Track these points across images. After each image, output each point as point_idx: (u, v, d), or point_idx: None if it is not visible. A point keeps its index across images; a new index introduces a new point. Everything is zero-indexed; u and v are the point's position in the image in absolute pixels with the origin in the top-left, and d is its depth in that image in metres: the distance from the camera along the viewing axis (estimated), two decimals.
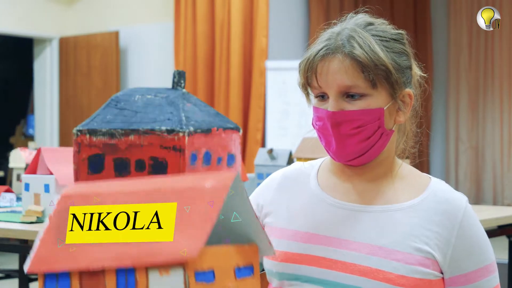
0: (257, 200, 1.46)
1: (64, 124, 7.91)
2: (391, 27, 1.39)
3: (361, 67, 1.29)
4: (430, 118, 8.47)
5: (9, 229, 2.51)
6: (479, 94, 8.22)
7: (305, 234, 1.35)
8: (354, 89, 1.30)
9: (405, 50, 1.36)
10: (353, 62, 1.29)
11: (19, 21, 7.68)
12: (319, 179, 1.42)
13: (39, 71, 8.08)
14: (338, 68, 1.30)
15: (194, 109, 2.31)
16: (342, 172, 1.39)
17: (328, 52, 1.31)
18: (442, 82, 8.49)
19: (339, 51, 1.30)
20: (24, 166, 3.61)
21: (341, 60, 1.30)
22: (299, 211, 1.39)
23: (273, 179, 1.47)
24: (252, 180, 3.05)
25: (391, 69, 1.31)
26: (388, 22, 1.41)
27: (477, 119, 8.26)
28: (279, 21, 6.77)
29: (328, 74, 1.30)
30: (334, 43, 1.31)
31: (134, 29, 7.61)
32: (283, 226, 1.39)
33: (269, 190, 1.45)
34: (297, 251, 1.34)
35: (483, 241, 1.34)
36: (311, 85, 1.34)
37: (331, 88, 1.31)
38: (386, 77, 1.30)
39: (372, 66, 1.29)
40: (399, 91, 1.33)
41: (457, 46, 8.28)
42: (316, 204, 1.38)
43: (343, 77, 1.29)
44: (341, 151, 1.33)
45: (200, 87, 6.76)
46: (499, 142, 8.15)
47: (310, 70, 1.33)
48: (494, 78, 8.12)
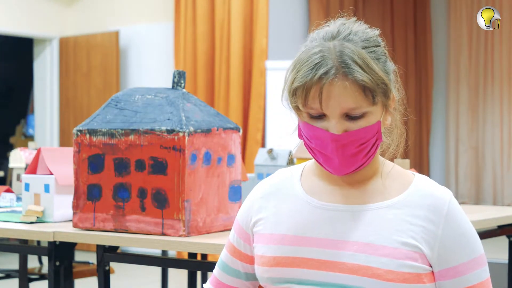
0: (243, 213, 1.48)
1: (64, 124, 7.91)
2: (366, 27, 1.39)
3: (364, 90, 1.29)
4: (430, 118, 8.47)
5: (9, 229, 2.51)
6: (479, 94, 8.22)
7: (292, 237, 1.37)
8: (358, 110, 1.30)
9: (386, 53, 1.38)
10: (357, 87, 1.29)
11: (19, 21, 7.67)
12: (303, 184, 1.43)
13: (39, 71, 8.08)
14: (343, 93, 1.29)
15: (194, 109, 2.31)
16: (327, 176, 1.40)
17: (329, 77, 1.29)
18: (442, 82, 8.49)
19: (341, 75, 1.29)
20: (24, 166, 3.61)
21: (345, 86, 1.28)
22: (285, 216, 1.40)
23: (258, 189, 1.49)
24: (252, 180, 3.05)
25: (387, 83, 1.33)
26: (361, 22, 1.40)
27: (477, 119, 8.25)
28: (279, 21, 6.77)
29: (330, 99, 1.29)
30: (333, 65, 1.29)
31: (134, 29, 7.61)
32: (271, 231, 1.40)
33: (255, 200, 1.47)
34: (285, 255, 1.36)
35: (470, 234, 1.35)
36: (307, 106, 1.31)
37: (334, 110, 1.30)
38: (384, 92, 1.33)
39: (375, 88, 1.30)
40: (390, 99, 1.35)
41: (457, 46, 8.28)
42: (301, 207, 1.39)
43: (347, 101, 1.29)
44: (345, 168, 1.34)
45: (200, 87, 6.76)
46: (499, 142, 8.15)
47: (310, 95, 1.30)
48: (494, 78, 8.11)
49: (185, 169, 2.19)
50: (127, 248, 6.61)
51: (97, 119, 2.34)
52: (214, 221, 2.31)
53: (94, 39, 7.67)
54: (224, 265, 1.52)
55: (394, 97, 1.38)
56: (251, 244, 1.46)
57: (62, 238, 2.37)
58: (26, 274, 3.74)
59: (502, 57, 8.04)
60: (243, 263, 1.49)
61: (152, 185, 2.23)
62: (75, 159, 2.35)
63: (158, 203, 2.22)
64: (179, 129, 2.19)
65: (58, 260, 2.44)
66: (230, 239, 1.52)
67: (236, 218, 1.51)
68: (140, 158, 2.24)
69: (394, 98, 1.38)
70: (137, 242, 2.25)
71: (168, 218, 2.21)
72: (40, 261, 4.59)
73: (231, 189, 2.38)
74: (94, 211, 2.32)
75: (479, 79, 8.19)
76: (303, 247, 1.35)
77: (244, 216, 1.48)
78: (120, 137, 2.27)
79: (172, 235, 2.20)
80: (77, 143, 2.34)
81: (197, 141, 2.23)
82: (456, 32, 8.27)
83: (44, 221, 2.57)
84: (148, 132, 2.23)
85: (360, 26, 1.38)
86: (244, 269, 1.49)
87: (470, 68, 8.22)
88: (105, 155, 2.30)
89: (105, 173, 2.30)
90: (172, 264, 3.05)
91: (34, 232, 2.42)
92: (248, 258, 1.47)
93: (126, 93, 2.38)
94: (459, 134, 8.37)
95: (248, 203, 1.49)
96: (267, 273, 1.38)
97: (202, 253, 3.04)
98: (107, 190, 2.29)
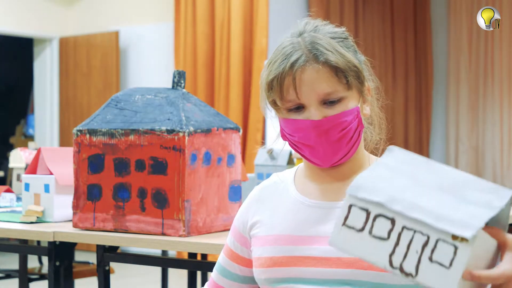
0: (240, 217, 1.50)
1: (64, 124, 7.91)
2: (332, 25, 1.42)
3: (337, 72, 1.32)
4: (430, 118, 8.47)
5: (9, 229, 2.51)
6: (479, 94, 8.22)
7: (288, 237, 1.38)
8: (334, 94, 1.33)
9: (354, 46, 1.40)
10: (329, 69, 1.32)
11: (19, 21, 7.68)
12: (296, 185, 1.45)
13: (39, 71, 8.08)
14: (316, 77, 1.32)
15: (194, 109, 2.31)
16: (318, 176, 1.42)
17: (300, 63, 1.32)
18: (442, 82, 8.49)
19: (311, 60, 1.32)
20: (24, 166, 3.61)
21: (317, 69, 1.32)
22: (280, 217, 1.42)
23: (253, 194, 1.50)
24: (252, 180, 3.05)
25: (359, 68, 1.36)
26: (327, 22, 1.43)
27: (477, 119, 8.25)
28: (279, 21, 6.77)
29: (305, 85, 1.32)
30: (302, 52, 1.33)
31: (134, 29, 7.61)
32: (267, 233, 1.42)
33: (251, 205, 1.48)
34: (281, 255, 1.37)
35: None
36: (284, 99, 1.34)
37: (310, 98, 1.33)
38: (357, 77, 1.35)
39: (347, 69, 1.33)
40: (364, 86, 1.38)
41: (457, 46, 8.28)
42: (295, 207, 1.41)
43: (322, 86, 1.32)
44: (330, 156, 1.35)
45: (200, 87, 6.76)
46: (499, 142, 8.15)
47: (284, 85, 1.33)
48: (494, 78, 8.11)
49: (185, 169, 2.19)
50: (127, 248, 6.61)
51: (97, 119, 2.34)
52: (214, 221, 2.31)
53: (94, 39, 7.67)
54: (222, 268, 1.53)
55: (369, 86, 1.41)
56: (249, 248, 1.47)
57: (62, 238, 2.37)
58: (26, 274, 3.74)
59: (502, 57, 8.04)
60: (240, 266, 1.50)
61: (152, 185, 2.23)
62: (75, 159, 2.35)
63: (158, 203, 2.22)
64: (179, 129, 2.19)
65: (58, 260, 2.44)
66: (228, 242, 1.53)
67: (233, 222, 1.53)
68: (140, 158, 2.24)
69: (369, 87, 1.41)
70: (137, 242, 2.25)
71: (168, 218, 2.21)
72: (40, 261, 4.59)
73: (231, 189, 2.38)
74: (94, 211, 2.32)
75: (479, 79, 8.19)
76: (298, 246, 1.36)
77: (241, 220, 1.49)
78: (120, 137, 2.27)
79: (172, 235, 2.21)
80: (77, 143, 2.34)
81: (197, 141, 2.23)
82: (456, 32, 8.27)
83: (44, 221, 2.58)
84: (148, 132, 2.23)
85: (325, 24, 1.41)
86: (241, 272, 1.50)
87: (470, 68, 8.22)
88: (105, 155, 2.30)
89: (105, 173, 2.30)
90: (172, 264, 3.05)
91: (34, 232, 2.42)
92: (246, 261, 1.48)
93: (126, 93, 2.38)
94: (459, 134, 8.37)
95: (245, 207, 1.50)
96: (264, 274, 1.38)
97: (202, 253, 3.04)
98: (107, 190, 2.29)
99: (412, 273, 1.05)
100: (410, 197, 1.09)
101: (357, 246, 1.11)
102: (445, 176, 1.13)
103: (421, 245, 1.05)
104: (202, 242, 2.15)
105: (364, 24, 7.75)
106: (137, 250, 6.28)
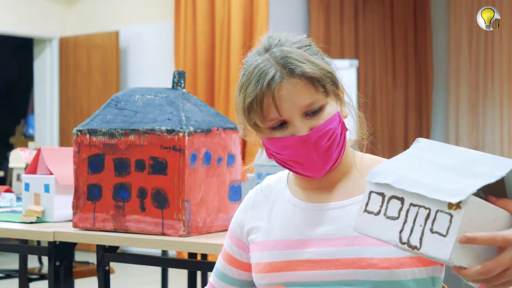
0: (236, 223, 1.49)
1: (64, 124, 7.91)
2: (294, 34, 1.40)
3: (313, 82, 1.31)
4: (430, 118, 8.47)
5: (9, 229, 2.51)
6: (479, 94, 8.22)
7: (285, 242, 1.38)
8: (315, 104, 1.32)
9: (319, 50, 1.39)
10: (306, 81, 1.31)
11: (19, 21, 7.67)
12: (290, 188, 1.45)
13: (39, 71, 8.08)
14: (294, 91, 1.30)
15: (194, 109, 2.31)
16: (307, 182, 1.41)
17: (277, 80, 1.30)
18: (442, 82, 8.48)
19: (286, 75, 1.31)
20: (24, 166, 3.61)
21: (293, 83, 1.30)
22: (277, 221, 1.41)
23: (249, 198, 1.50)
24: (252, 180, 3.05)
25: (333, 72, 1.35)
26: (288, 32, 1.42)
27: (477, 119, 8.25)
28: (279, 21, 6.77)
29: (285, 101, 1.30)
30: (276, 69, 1.31)
31: (134, 29, 7.61)
32: (264, 238, 1.41)
33: (247, 210, 1.48)
34: (280, 259, 1.37)
35: None
36: (266, 119, 1.32)
37: (292, 113, 1.31)
38: (332, 82, 1.34)
39: (323, 77, 1.32)
40: (339, 89, 1.37)
41: (457, 46, 8.28)
42: (291, 211, 1.41)
43: (302, 98, 1.31)
44: (322, 167, 1.34)
45: (200, 87, 6.76)
46: (499, 142, 8.15)
47: (264, 105, 1.31)
48: (494, 78, 8.11)
49: (185, 169, 2.19)
50: (127, 248, 6.61)
51: (97, 119, 2.34)
52: (214, 221, 2.31)
53: (94, 39, 7.67)
54: (220, 273, 1.53)
55: (342, 87, 1.39)
56: (247, 252, 1.46)
57: (62, 238, 2.37)
58: (26, 274, 3.74)
59: (502, 57, 8.04)
60: (239, 270, 1.50)
61: (152, 185, 2.23)
62: (75, 159, 2.35)
63: (158, 203, 2.22)
64: (179, 129, 2.19)
65: (58, 260, 2.44)
66: (225, 247, 1.52)
67: (230, 227, 1.52)
68: (140, 158, 2.24)
69: (342, 89, 1.39)
70: (137, 242, 2.25)
71: (168, 218, 2.21)
72: (40, 261, 4.59)
73: (231, 189, 2.38)
74: (94, 211, 2.32)
75: (479, 79, 8.18)
76: (297, 249, 1.36)
77: (237, 225, 1.49)
78: (120, 137, 2.27)
79: (172, 235, 2.20)
80: (77, 143, 2.34)
81: (197, 141, 2.23)
82: (456, 32, 8.27)
83: (44, 221, 2.58)
84: (148, 132, 2.23)
85: (287, 34, 1.40)
86: (240, 276, 1.50)
87: (470, 68, 8.22)
88: (105, 155, 2.30)
89: (105, 173, 2.30)
90: (172, 264, 3.05)
91: (34, 232, 2.42)
92: (245, 265, 1.48)
93: (126, 93, 2.38)
94: (459, 134, 8.36)
95: (240, 212, 1.50)
96: (264, 279, 1.38)
97: (202, 253, 3.04)
98: (107, 190, 2.29)
99: (417, 246, 1.10)
100: (416, 176, 1.14)
101: (376, 229, 1.15)
102: (459, 156, 1.18)
103: (424, 219, 1.10)
104: (202, 242, 2.15)
105: (364, 24, 7.75)
106: (137, 250, 6.28)
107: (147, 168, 2.23)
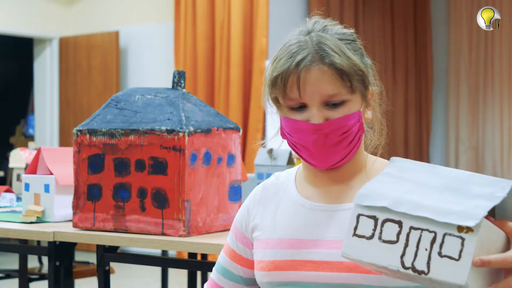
0: (242, 218, 1.49)
1: (64, 124, 7.91)
2: (341, 27, 1.40)
3: (341, 75, 1.31)
4: (430, 118, 8.47)
5: (9, 229, 2.51)
6: (479, 94, 8.22)
7: (289, 241, 1.37)
8: (337, 97, 1.32)
9: (361, 48, 1.39)
10: (334, 71, 1.31)
11: (19, 21, 7.67)
12: (298, 186, 1.44)
13: (39, 71, 8.08)
14: (321, 78, 1.30)
15: (194, 109, 2.31)
16: (316, 177, 1.41)
17: (306, 63, 1.31)
18: (442, 82, 8.48)
19: (317, 60, 1.31)
20: (24, 166, 3.61)
21: (322, 70, 1.30)
22: (282, 220, 1.41)
23: (255, 195, 1.49)
24: (252, 180, 3.05)
25: (365, 72, 1.34)
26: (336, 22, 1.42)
27: (477, 119, 8.25)
28: (279, 21, 6.77)
29: (309, 85, 1.31)
30: (309, 52, 1.32)
31: (134, 29, 7.61)
32: (268, 236, 1.41)
33: (253, 206, 1.47)
34: (283, 258, 1.36)
35: None
36: (286, 97, 1.33)
37: (313, 98, 1.31)
38: (362, 81, 1.34)
39: (352, 73, 1.31)
40: (368, 91, 1.37)
41: (457, 46, 8.28)
42: (297, 210, 1.40)
43: (326, 87, 1.31)
44: (327, 159, 1.35)
45: (200, 87, 6.76)
46: (499, 142, 8.15)
47: (288, 83, 1.32)
48: (494, 78, 8.11)
49: (185, 169, 2.19)
50: (127, 248, 6.61)
51: (97, 119, 2.34)
52: (214, 221, 2.31)
53: (94, 39, 7.67)
54: (224, 270, 1.52)
55: (373, 91, 1.39)
56: (252, 249, 1.46)
57: (62, 238, 2.37)
58: (26, 274, 3.74)
59: (502, 57, 8.04)
60: (244, 268, 1.49)
61: (152, 185, 2.23)
62: (75, 159, 2.35)
63: (158, 203, 2.22)
64: (179, 129, 2.19)
65: (58, 260, 2.44)
66: (230, 244, 1.51)
67: (234, 222, 1.51)
68: (140, 158, 2.24)
69: (373, 92, 1.39)
70: (137, 242, 2.25)
71: (168, 218, 2.21)
72: (40, 261, 4.59)
73: (231, 189, 2.38)
74: (94, 211, 2.32)
75: (479, 79, 8.18)
76: (300, 249, 1.36)
77: (243, 221, 1.48)
78: (120, 137, 2.27)
79: (172, 235, 2.20)
80: (77, 143, 2.34)
81: (197, 141, 2.23)
82: (456, 32, 8.26)
83: (44, 221, 2.58)
84: (148, 132, 2.23)
85: (334, 24, 1.40)
86: (245, 274, 1.49)
87: (470, 68, 8.22)
88: (105, 155, 2.30)
89: (105, 173, 2.30)
90: (172, 264, 3.05)
91: (34, 232, 2.42)
92: (249, 262, 1.47)
93: (126, 93, 2.38)
94: (459, 134, 8.37)
95: (245, 208, 1.49)
96: (266, 278, 1.38)
97: (202, 253, 3.03)
98: (107, 190, 2.29)
99: (425, 271, 1.07)
100: (414, 198, 1.11)
101: (369, 254, 1.12)
102: (447, 176, 1.15)
103: (429, 242, 1.07)
104: (202, 242, 2.15)
105: (364, 24, 7.75)
106: (137, 250, 6.28)
107: (147, 168, 2.23)
